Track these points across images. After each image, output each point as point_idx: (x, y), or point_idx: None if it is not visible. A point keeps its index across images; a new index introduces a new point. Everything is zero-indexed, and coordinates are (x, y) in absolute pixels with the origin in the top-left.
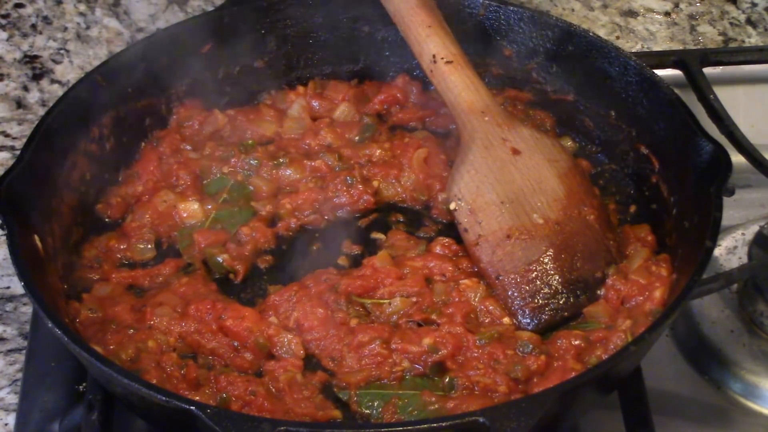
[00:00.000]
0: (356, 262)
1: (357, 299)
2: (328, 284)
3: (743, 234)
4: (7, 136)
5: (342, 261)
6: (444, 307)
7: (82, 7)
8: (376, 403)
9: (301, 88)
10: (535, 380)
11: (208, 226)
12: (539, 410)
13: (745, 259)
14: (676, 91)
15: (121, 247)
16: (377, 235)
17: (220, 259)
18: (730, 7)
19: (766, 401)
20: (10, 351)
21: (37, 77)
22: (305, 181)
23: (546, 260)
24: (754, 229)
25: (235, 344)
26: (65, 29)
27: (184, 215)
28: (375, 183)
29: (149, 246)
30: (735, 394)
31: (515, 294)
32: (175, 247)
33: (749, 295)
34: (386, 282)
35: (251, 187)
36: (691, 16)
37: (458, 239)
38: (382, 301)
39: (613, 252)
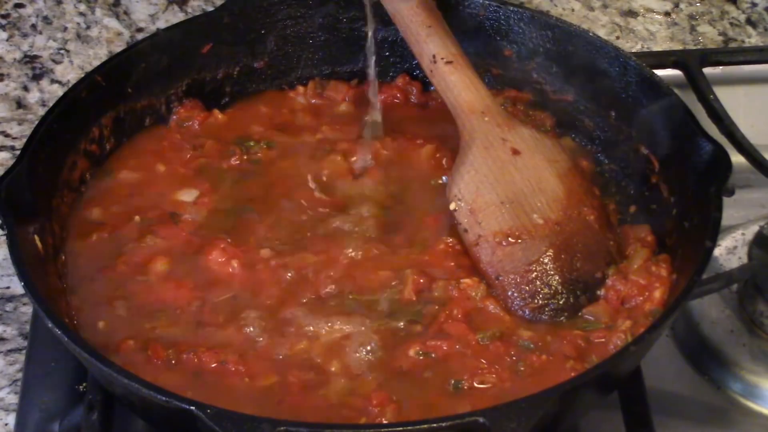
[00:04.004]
0: None
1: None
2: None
3: (743, 234)
4: (7, 136)
5: None
6: (445, 305)
7: (82, 7)
8: None
9: (301, 88)
10: (535, 380)
11: None
12: (539, 410)
13: (745, 259)
14: (676, 91)
15: None
16: None
17: None
18: (730, 7)
19: (766, 401)
20: (10, 351)
21: (37, 77)
22: None
23: (546, 261)
24: (754, 229)
25: None
26: (65, 29)
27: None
28: None
29: None
30: (735, 394)
31: (515, 294)
32: None
33: (749, 295)
34: None
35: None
36: (691, 16)
37: (459, 239)
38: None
39: (613, 252)
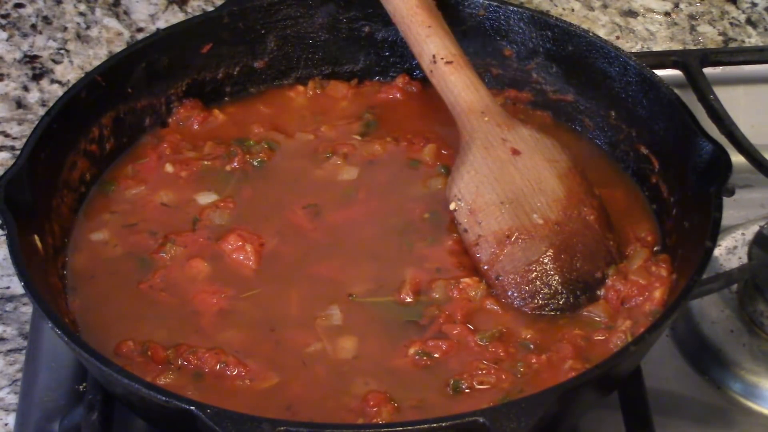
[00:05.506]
0: None
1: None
2: None
3: (743, 234)
4: (7, 136)
5: None
6: (444, 305)
7: (82, 7)
8: None
9: (301, 88)
10: (535, 380)
11: None
12: (539, 410)
13: (745, 259)
14: (676, 91)
15: None
16: None
17: None
18: (730, 7)
19: (766, 401)
20: (10, 351)
21: (37, 77)
22: None
23: (546, 261)
24: (754, 229)
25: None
26: (65, 29)
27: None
28: None
29: None
30: (735, 394)
31: (515, 294)
32: None
33: (749, 295)
34: None
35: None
36: (691, 16)
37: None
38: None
39: (613, 252)
